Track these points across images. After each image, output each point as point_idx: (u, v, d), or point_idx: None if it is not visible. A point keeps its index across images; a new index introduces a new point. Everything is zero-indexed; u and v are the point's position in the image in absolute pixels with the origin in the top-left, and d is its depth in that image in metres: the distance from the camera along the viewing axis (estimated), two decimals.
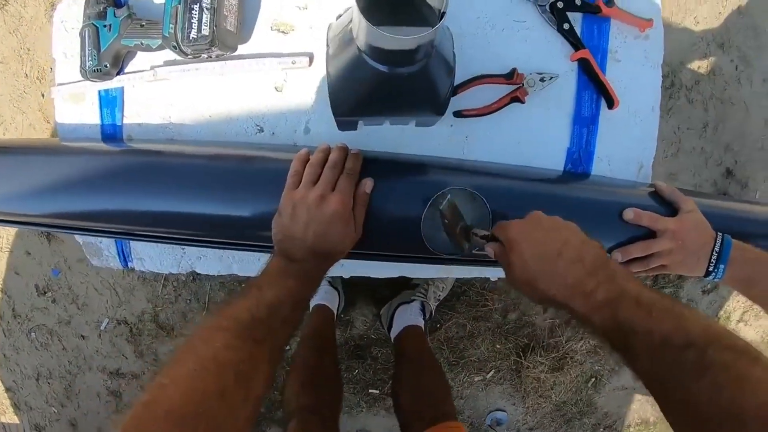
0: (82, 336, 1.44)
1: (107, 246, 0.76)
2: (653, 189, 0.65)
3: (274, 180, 0.55)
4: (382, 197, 0.56)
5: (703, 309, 1.51)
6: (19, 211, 0.66)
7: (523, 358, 1.40)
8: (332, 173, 0.52)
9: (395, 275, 0.71)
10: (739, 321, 1.53)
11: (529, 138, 0.66)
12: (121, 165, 0.66)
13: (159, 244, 0.75)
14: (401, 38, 0.39)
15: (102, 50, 0.65)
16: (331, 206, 0.49)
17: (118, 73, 0.68)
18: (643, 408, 1.56)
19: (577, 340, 1.42)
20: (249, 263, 0.73)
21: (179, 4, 0.57)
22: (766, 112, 1.41)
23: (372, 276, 0.72)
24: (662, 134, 1.33)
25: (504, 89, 0.63)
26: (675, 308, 0.40)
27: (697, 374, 0.35)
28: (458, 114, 0.63)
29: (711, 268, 0.57)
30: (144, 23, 0.63)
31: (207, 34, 0.56)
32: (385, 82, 0.47)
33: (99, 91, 0.70)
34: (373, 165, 0.58)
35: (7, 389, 1.48)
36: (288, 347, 0.89)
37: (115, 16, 0.64)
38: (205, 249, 0.74)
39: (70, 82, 0.70)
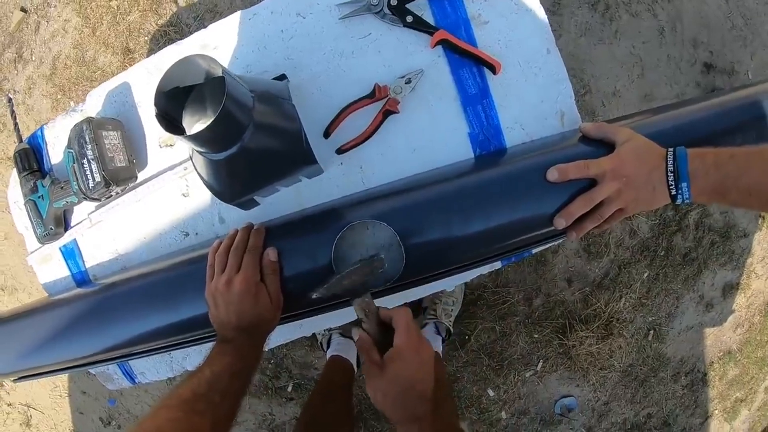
0: None
1: (114, 371, 0.84)
2: (582, 135, 0.61)
3: (203, 277, 0.59)
4: (294, 257, 0.58)
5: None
6: (35, 364, 0.74)
7: (565, 338, 1.32)
8: (235, 256, 0.56)
9: (353, 320, 0.71)
10: None
11: (423, 141, 0.65)
12: (94, 303, 0.72)
13: (150, 357, 0.81)
14: (191, 134, 0.42)
15: (44, 218, 0.73)
16: (236, 286, 0.54)
17: (66, 229, 0.76)
18: (719, 340, 1.40)
19: (616, 300, 1.31)
20: None
21: (74, 163, 0.64)
22: None
23: (332, 326, 0.73)
24: (619, 60, 1.28)
25: (374, 108, 0.63)
26: None
27: None
28: (340, 150, 0.64)
29: (673, 191, 0.50)
30: (63, 185, 0.71)
31: (99, 179, 0.63)
32: (232, 164, 0.50)
33: (60, 248, 0.78)
34: (280, 231, 0.61)
35: None
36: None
37: (43, 186, 0.73)
38: (186, 348, 0.79)
39: (36, 249, 0.79)
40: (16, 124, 0.84)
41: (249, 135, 0.48)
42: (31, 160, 0.75)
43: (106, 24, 1.26)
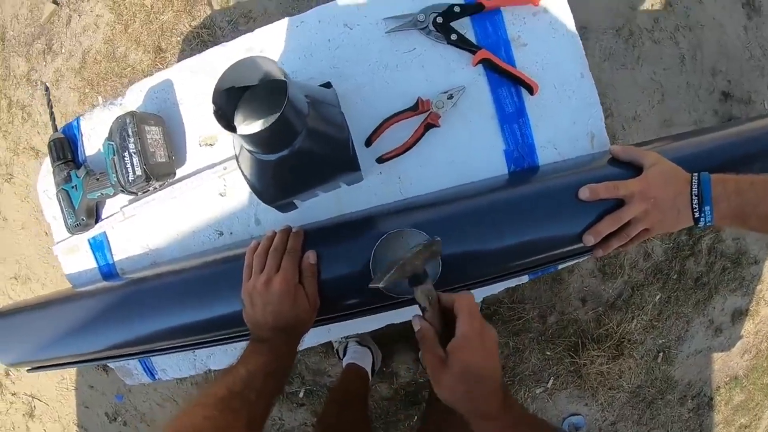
0: None
1: (134, 366, 0.84)
2: (611, 156, 0.63)
3: (239, 277, 0.60)
4: (332, 262, 0.59)
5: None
6: (53, 355, 0.74)
7: (577, 357, 1.33)
8: (274, 257, 0.57)
9: (381, 325, 0.72)
10: None
11: (460, 156, 0.66)
12: (121, 297, 0.73)
13: (173, 354, 0.81)
14: (250, 133, 0.43)
15: (76, 208, 0.74)
16: (276, 287, 0.54)
17: (97, 221, 0.77)
18: (727, 365, 1.40)
19: (628, 321, 1.32)
20: None
21: (114, 155, 0.65)
22: (740, 18, 1.32)
23: (360, 332, 0.73)
24: (640, 85, 1.30)
25: (416, 120, 0.64)
26: None
27: None
28: (380, 160, 0.65)
29: (697, 214, 0.52)
30: (99, 176, 0.72)
31: (140, 173, 0.64)
32: (280, 166, 0.51)
33: (88, 240, 0.79)
34: (318, 235, 0.62)
35: None
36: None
37: (77, 176, 0.73)
38: (211, 348, 0.79)
39: (63, 239, 0.80)
40: (51, 113, 0.84)
41: (301, 139, 0.49)
42: (65, 150, 0.75)
43: (138, 22, 1.28)
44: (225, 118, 0.48)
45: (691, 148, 0.64)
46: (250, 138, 0.46)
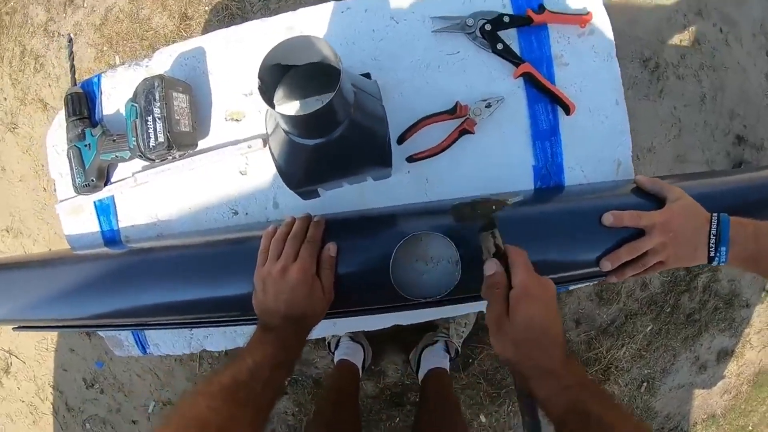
0: (133, 421, 1.50)
1: (126, 337, 0.82)
2: (635, 185, 0.63)
3: (251, 259, 0.58)
4: (350, 256, 0.58)
5: None
6: (41, 317, 0.72)
7: None
8: (293, 245, 0.55)
9: (387, 326, 0.71)
10: None
11: (490, 165, 0.66)
12: (122, 265, 0.71)
13: (168, 330, 0.79)
14: (300, 114, 0.42)
15: (86, 167, 0.71)
16: (292, 275, 0.53)
17: (106, 183, 0.74)
18: (706, 402, 1.42)
19: (618, 348, 1.34)
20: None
21: (137, 118, 0.63)
22: (763, 66, 1.34)
23: (366, 330, 0.72)
24: (659, 118, 1.31)
25: (452, 124, 0.64)
26: (618, 405, 0.44)
27: None
28: (411, 159, 0.64)
29: (712, 253, 0.53)
30: (115, 138, 0.69)
31: (163, 140, 0.61)
32: (316, 152, 0.49)
33: (94, 202, 0.76)
34: (339, 227, 0.60)
35: None
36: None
37: (92, 135, 0.71)
38: (210, 328, 0.78)
39: (68, 198, 0.77)
40: (72, 66, 0.81)
41: (343, 128, 0.48)
42: (83, 105, 0.72)
43: None
44: (268, 94, 0.47)
45: (708, 188, 0.65)
46: (294, 120, 0.44)
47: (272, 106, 0.45)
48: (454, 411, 0.95)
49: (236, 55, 0.69)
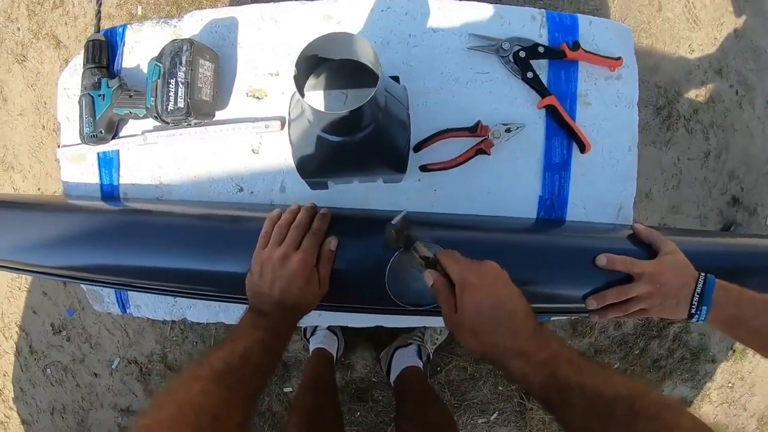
0: (95, 374, 1.48)
1: (107, 293, 0.81)
2: (632, 231, 0.65)
3: (249, 239, 0.58)
4: (349, 253, 0.58)
5: None
6: (25, 261, 0.71)
7: (526, 399, 1.36)
8: (296, 233, 0.55)
9: (371, 325, 0.72)
10: None
11: (499, 188, 0.67)
12: (117, 223, 0.70)
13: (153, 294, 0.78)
14: (333, 113, 0.42)
15: (97, 118, 0.70)
16: (293, 264, 0.53)
17: (114, 137, 0.73)
18: None
19: None
20: (234, 312, 0.76)
21: (159, 78, 0.62)
22: None
23: (349, 326, 0.73)
24: (662, 167, 1.34)
25: (469, 142, 0.64)
26: (602, 368, 0.43)
27: (627, 425, 0.37)
28: (424, 168, 0.65)
29: (693, 311, 0.55)
30: (132, 94, 0.68)
31: (182, 106, 0.61)
32: (338, 147, 0.50)
33: (98, 154, 0.75)
34: (342, 222, 0.61)
35: (23, 421, 1.53)
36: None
37: (108, 86, 0.70)
38: (194, 299, 0.77)
39: (72, 145, 0.76)
40: (98, 12, 0.80)
41: (369, 130, 0.48)
42: (103, 54, 0.71)
43: None
44: (301, 83, 0.47)
45: (701, 246, 0.68)
46: (324, 116, 0.44)
47: (303, 95, 0.45)
48: (437, 399, 0.98)
49: (268, 33, 0.68)
